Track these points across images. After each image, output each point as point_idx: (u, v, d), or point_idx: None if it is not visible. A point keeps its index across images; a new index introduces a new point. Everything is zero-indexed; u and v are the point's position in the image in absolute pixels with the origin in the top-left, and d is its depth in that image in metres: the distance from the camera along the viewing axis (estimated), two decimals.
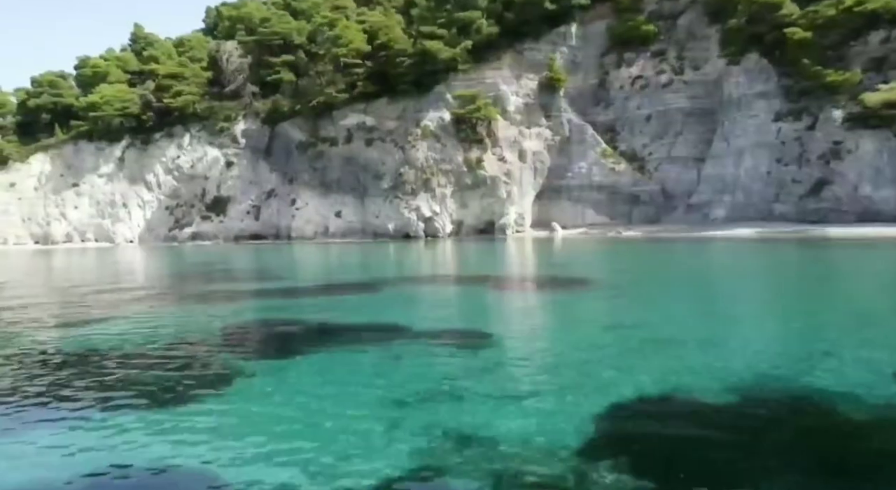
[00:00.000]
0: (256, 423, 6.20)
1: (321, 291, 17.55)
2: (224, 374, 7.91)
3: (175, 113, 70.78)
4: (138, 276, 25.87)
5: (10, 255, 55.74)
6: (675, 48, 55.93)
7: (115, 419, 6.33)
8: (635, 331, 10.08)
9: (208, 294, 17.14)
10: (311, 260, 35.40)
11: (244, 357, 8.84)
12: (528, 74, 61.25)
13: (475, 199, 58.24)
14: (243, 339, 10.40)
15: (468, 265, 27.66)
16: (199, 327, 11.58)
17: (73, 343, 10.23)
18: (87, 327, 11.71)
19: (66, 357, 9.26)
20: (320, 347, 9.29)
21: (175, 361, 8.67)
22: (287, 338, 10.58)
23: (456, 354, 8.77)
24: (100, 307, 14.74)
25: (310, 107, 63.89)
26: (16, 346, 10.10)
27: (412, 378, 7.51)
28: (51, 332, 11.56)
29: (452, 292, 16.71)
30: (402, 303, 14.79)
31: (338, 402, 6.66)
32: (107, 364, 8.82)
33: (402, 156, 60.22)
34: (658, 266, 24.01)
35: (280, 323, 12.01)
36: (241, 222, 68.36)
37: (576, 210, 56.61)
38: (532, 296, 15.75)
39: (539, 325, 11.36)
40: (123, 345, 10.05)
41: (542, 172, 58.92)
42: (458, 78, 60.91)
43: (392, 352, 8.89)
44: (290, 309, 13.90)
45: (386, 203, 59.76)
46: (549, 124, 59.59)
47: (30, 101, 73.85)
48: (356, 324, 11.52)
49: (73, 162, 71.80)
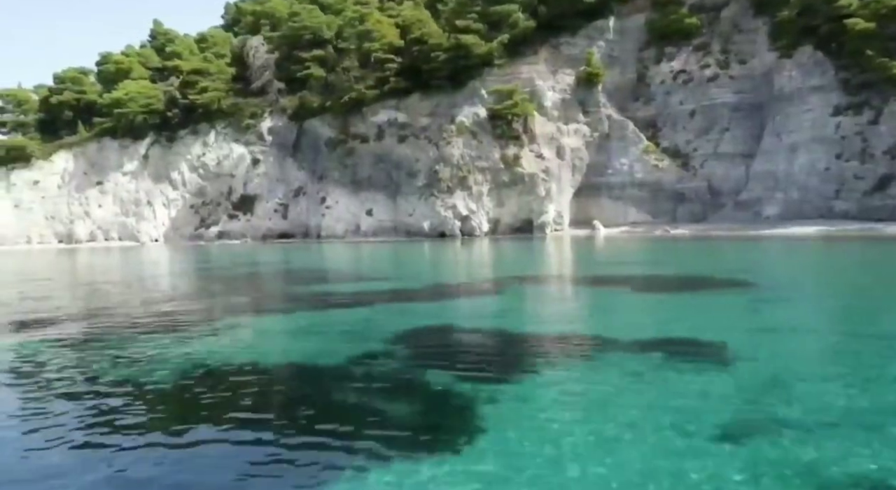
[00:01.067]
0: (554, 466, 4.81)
1: (449, 293, 15.95)
2: (454, 400, 6.57)
3: (200, 110, 69.57)
4: (221, 279, 23.73)
5: (37, 254, 54.48)
6: (719, 42, 54.52)
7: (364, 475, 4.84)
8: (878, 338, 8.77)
9: (326, 296, 15.61)
10: (374, 258, 33.95)
11: (459, 375, 7.49)
12: (564, 69, 59.89)
13: (512, 197, 56.89)
14: (437, 352, 9.02)
15: (552, 264, 26.09)
16: (368, 334, 10.23)
17: (259, 358, 8.88)
18: (248, 339, 10.41)
19: (266, 376, 7.92)
20: (549, 365, 7.92)
21: (383, 381, 7.33)
22: (492, 351, 9.17)
23: (708, 371, 7.42)
24: (236, 313, 13.35)
25: (340, 103, 62.54)
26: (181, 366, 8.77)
27: (690, 403, 6.16)
28: (214, 347, 10.23)
29: (599, 295, 15.05)
30: (567, 307, 13.38)
31: (624, 438, 5.30)
32: (305, 388, 7.51)
33: (436, 153, 58.90)
34: (773, 264, 22.53)
35: (462, 331, 10.44)
36: (269, 221, 67.13)
37: (616, 208, 55.24)
38: (700, 299, 14.06)
39: (754, 330, 9.98)
40: (300, 364, 8.75)
41: (580, 169, 57.56)
42: (492, 73, 59.59)
43: (629, 368, 7.54)
44: (446, 314, 12.43)
45: (420, 201, 58.44)
46: (587, 120, 58.20)
47: (52, 98, 72.68)
48: (551, 333, 10.13)
49: (96, 159, 70.64)
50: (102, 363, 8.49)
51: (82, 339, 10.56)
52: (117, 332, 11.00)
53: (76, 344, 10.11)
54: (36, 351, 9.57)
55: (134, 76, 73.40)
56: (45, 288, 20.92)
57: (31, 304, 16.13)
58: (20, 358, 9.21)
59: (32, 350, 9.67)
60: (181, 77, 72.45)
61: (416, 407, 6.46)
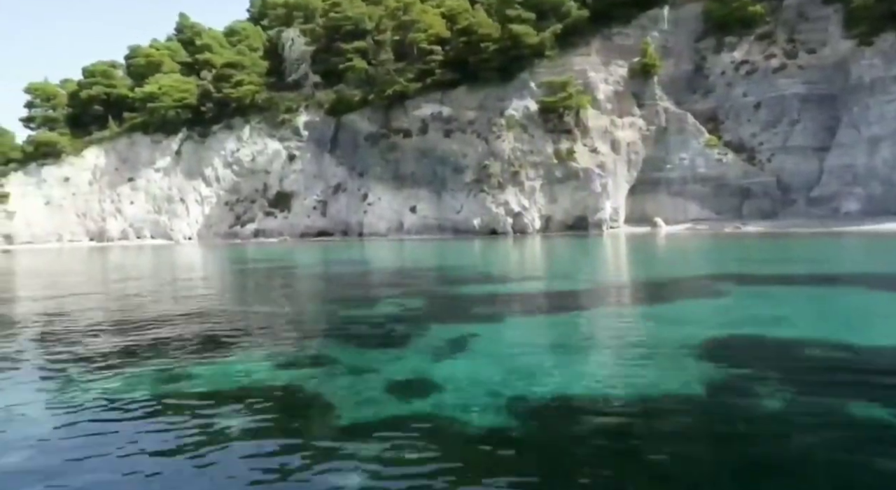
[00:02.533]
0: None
1: (666, 294, 13.75)
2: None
3: (233, 104, 67.63)
4: (332, 282, 21.05)
5: (69, 252, 52.43)
6: (784, 30, 52.21)
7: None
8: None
9: (532, 299, 13.55)
10: (464, 255, 31.78)
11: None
12: (616, 61, 57.72)
13: (565, 193, 54.72)
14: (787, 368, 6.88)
15: (674, 263, 23.94)
16: (655, 344, 8.15)
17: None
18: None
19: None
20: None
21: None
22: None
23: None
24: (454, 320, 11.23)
25: (383, 96, 60.45)
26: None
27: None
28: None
29: (828, 296, 12.92)
30: (829, 310, 11.20)
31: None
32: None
33: (485, 147, 56.80)
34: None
35: (791, 344, 8.30)
36: (307, 218, 65.12)
37: (676, 204, 52.98)
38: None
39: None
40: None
41: (635, 164, 55.34)
42: (542, 65, 57.50)
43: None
44: (717, 321, 10.31)
45: (469, 197, 56.34)
46: (643, 113, 55.96)
47: (82, 92, 70.78)
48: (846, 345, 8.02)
49: (127, 155, 68.75)
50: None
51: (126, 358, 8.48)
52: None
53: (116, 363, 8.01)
54: (65, 374, 7.50)
55: (165, 70, 71.56)
56: (84, 299, 18.87)
57: (58, 308, 14.07)
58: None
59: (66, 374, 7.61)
60: (213, 71, 70.62)
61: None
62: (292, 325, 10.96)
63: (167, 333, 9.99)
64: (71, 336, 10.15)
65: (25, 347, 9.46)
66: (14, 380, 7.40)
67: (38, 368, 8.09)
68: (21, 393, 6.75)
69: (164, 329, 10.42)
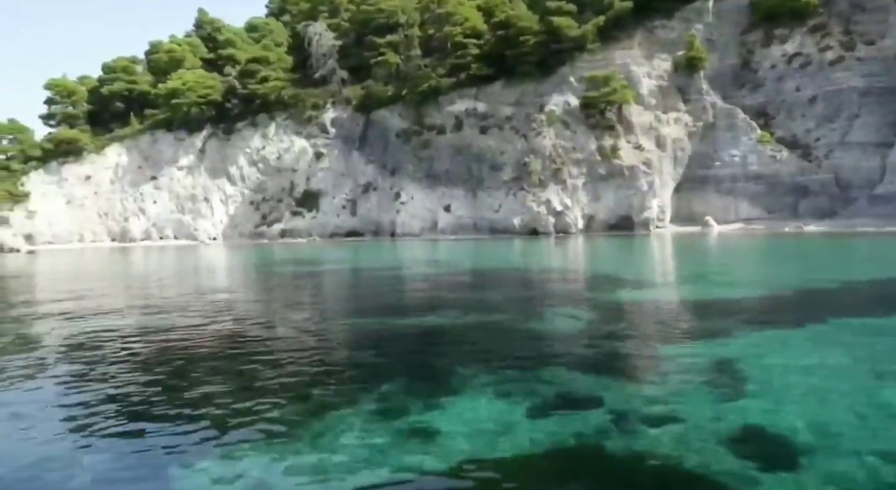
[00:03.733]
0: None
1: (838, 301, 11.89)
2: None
3: (258, 101, 65.72)
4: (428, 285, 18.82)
5: (91, 253, 50.48)
6: (839, 21, 50.23)
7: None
8: None
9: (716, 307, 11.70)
10: (532, 256, 29.93)
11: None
12: (659, 54, 55.80)
13: (609, 191, 52.76)
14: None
15: (769, 263, 22.04)
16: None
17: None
18: None
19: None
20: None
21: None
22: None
23: None
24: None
25: (417, 92, 58.47)
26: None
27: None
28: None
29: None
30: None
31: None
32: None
33: (525, 144, 54.85)
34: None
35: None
36: (336, 218, 63.17)
37: (726, 203, 50.99)
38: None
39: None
40: None
41: (682, 162, 53.37)
42: (582, 59, 55.55)
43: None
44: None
45: (509, 196, 54.39)
46: (688, 108, 54.01)
47: (103, 88, 68.89)
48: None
49: (150, 153, 66.87)
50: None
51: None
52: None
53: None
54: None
55: (187, 66, 69.65)
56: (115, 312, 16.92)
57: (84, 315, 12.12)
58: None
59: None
60: (236, 67, 68.73)
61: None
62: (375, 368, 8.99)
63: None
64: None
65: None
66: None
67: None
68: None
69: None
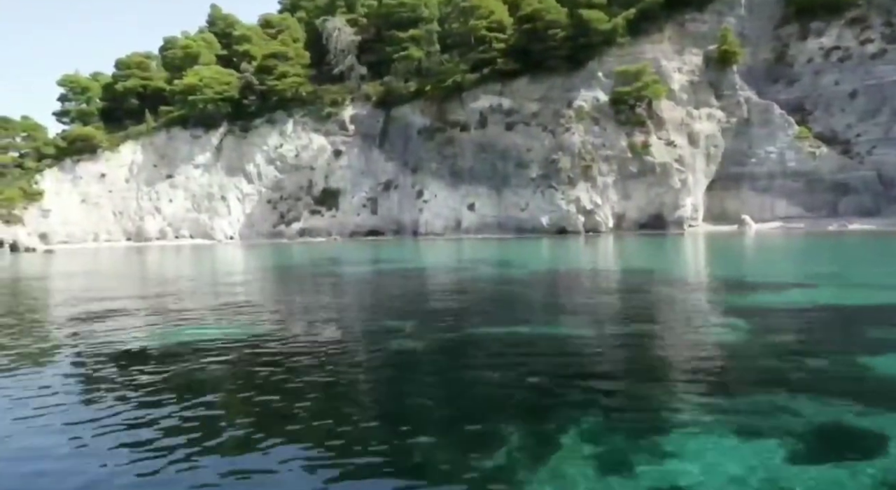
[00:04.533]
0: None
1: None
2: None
3: (275, 97, 64.35)
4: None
5: (107, 252, 49.07)
6: (879, 14, 48.66)
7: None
8: None
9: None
10: (582, 255, 28.47)
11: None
12: (690, 49, 54.36)
13: (640, 189, 51.31)
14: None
15: (853, 264, 20.55)
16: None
17: None
18: None
19: None
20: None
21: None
22: None
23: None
24: None
25: (441, 88, 57.08)
26: None
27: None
28: None
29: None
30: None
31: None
32: None
33: (552, 141, 53.42)
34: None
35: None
36: (356, 217, 61.80)
37: (762, 201, 49.45)
38: None
39: None
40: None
41: (715, 159, 51.88)
42: (610, 53, 54.11)
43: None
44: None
45: (537, 194, 52.95)
46: (721, 104, 52.53)
47: (117, 85, 67.60)
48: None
49: (165, 151, 65.54)
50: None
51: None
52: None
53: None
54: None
55: (202, 62, 68.33)
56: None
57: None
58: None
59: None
60: (252, 63, 67.41)
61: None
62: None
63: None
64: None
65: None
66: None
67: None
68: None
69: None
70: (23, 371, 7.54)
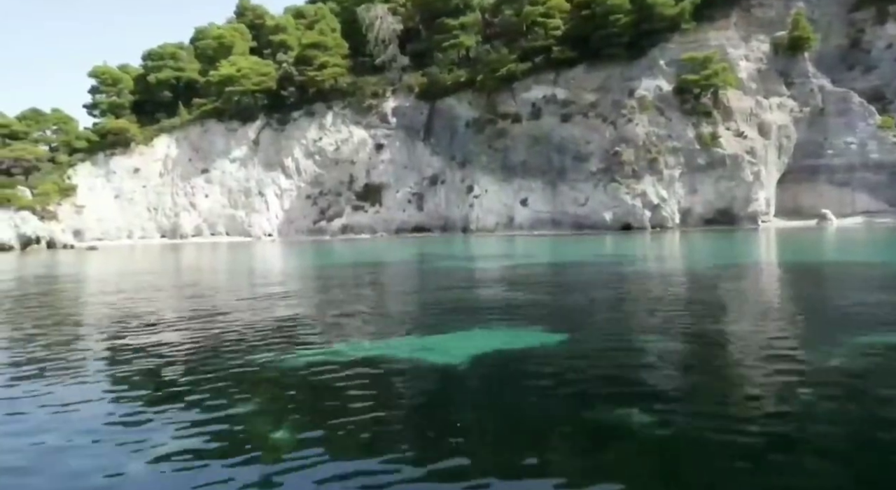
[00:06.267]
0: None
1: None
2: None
3: (313, 89, 61.85)
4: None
5: (142, 250, 46.68)
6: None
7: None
8: None
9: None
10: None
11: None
12: (757, 35, 51.78)
13: (708, 182, 48.67)
14: None
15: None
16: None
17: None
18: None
19: None
20: None
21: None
22: None
23: None
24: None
25: (494, 78, 54.45)
26: None
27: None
28: None
29: None
30: None
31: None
32: None
33: (613, 132, 50.82)
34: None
35: None
36: (402, 213, 59.32)
37: (841, 195, 46.85)
38: None
39: None
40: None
41: (787, 150, 49.32)
42: (673, 40, 51.50)
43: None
44: None
45: (598, 188, 50.36)
46: (792, 93, 49.94)
47: (149, 76, 65.20)
48: None
49: (200, 145, 63.16)
50: None
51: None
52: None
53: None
54: None
55: (236, 52, 65.89)
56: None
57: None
58: None
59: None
60: (289, 53, 65.02)
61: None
62: None
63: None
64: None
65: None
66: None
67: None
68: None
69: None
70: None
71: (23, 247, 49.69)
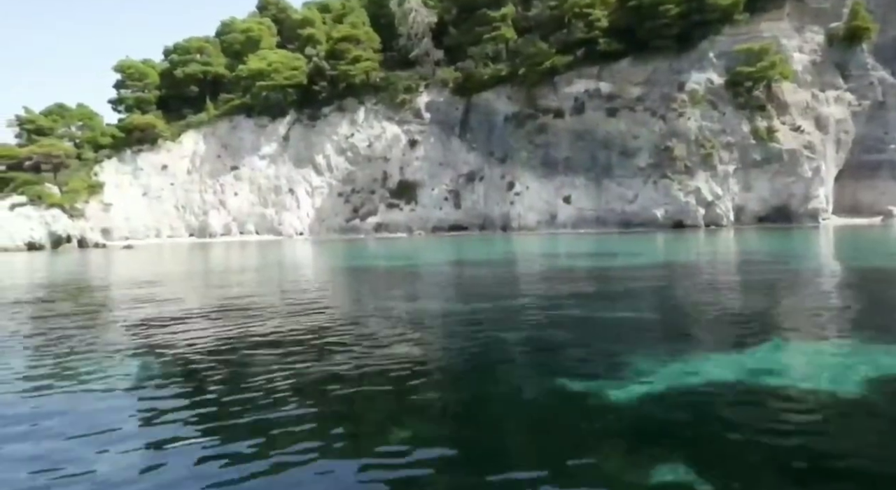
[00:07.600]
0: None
1: None
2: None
3: (342, 84, 60.15)
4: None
5: (171, 249, 44.84)
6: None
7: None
8: None
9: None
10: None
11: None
12: (811, 27, 50.06)
13: (763, 178, 46.99)
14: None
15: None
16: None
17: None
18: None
19: None
20: None
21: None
22: None
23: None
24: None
25: (536, 71, 52.77)
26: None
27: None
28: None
29: None
30: None
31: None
32: None
33: (663, 127, 49.13)
34: None
35: None
36: (439, 211, 57.65)
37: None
38: None
39: None
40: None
41: (845, 145, 47.64)
42: (723, 32, 49.76)
43: None
44: None
45: (648, 185, 48.69)
46: (850, 86, 48.24)
47: (176, 71, 63.52)
48: None
49: (229, 141, 61.50)
50: None
51: None
52: None
53: None
54: None
55: (264, 46, 64.23)
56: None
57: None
58: None
59: None
60: (317, 47, 63.29)
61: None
62: None
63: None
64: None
65: None
66: None
67: None
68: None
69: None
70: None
71: (54, 245, 48.02)
